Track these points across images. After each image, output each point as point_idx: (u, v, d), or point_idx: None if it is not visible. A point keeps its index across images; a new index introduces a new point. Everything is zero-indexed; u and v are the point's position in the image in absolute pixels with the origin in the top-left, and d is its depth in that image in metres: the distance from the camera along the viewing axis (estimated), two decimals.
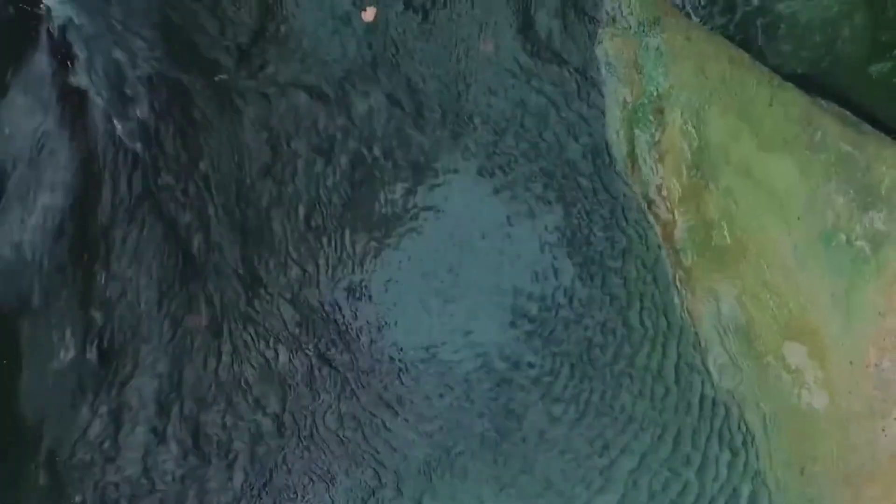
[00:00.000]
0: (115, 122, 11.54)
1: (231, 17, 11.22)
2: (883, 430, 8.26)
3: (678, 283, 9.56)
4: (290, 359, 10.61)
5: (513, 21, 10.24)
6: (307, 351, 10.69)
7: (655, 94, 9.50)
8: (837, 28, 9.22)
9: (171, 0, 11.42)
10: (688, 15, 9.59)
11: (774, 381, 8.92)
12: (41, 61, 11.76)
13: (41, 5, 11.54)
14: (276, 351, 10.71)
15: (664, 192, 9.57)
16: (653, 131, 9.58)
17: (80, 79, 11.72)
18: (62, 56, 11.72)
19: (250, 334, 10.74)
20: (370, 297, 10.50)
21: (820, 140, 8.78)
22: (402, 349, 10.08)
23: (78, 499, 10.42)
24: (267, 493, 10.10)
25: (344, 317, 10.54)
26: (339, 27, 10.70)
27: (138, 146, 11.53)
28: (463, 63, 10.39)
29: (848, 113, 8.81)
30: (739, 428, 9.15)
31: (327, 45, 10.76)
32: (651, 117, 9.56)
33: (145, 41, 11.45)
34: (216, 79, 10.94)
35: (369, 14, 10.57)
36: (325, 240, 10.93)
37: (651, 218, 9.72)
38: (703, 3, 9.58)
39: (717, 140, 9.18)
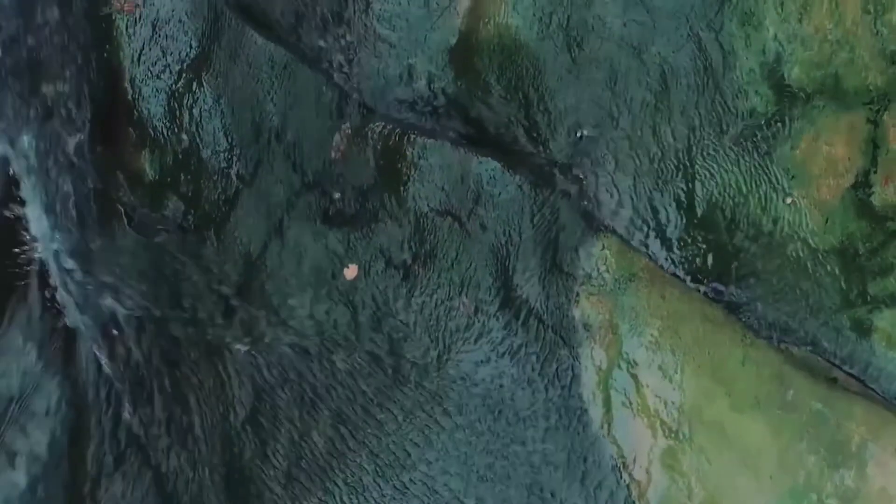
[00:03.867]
0: (104, 365, 14.02)
1: (217, 271, 13.84)
2: None
3: None
4: None
5: (492, 280, 12.55)
6: None
7: (630, 356, 11.83)
8: (811, 274, 11.45)
9: (159, 248, 14.11)
10: (662, 267, 11.92)
11: None
12: (31, 301, 14.31)
13: (30, 240, 14.13)
14: None
15: (639, 453, 11.76)
16: (627, 393, 11.85)
17: (69, 320, 14.22)
18: (51, 295, 14.25)
19: None
20: None
21: (791, 399, 11.04)
22: None
23: None
24: None
25: None
26: (322, 284, 13.23)
27: (126, 391, 13.93)
28: (443, 324, 12.73)
29: (819, 359, 11.21)
30: None
31: (310, 301, 13.30)
32: (626, 379, 11.89)
33: (133, 287, 14.04)
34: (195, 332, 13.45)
35: (351, 272, 13.00)
36: (307, 494, 13.15)
37: (626, 477, 11.81)
38: (677, 253, 11.96)
39: (691, 401, 11.46)
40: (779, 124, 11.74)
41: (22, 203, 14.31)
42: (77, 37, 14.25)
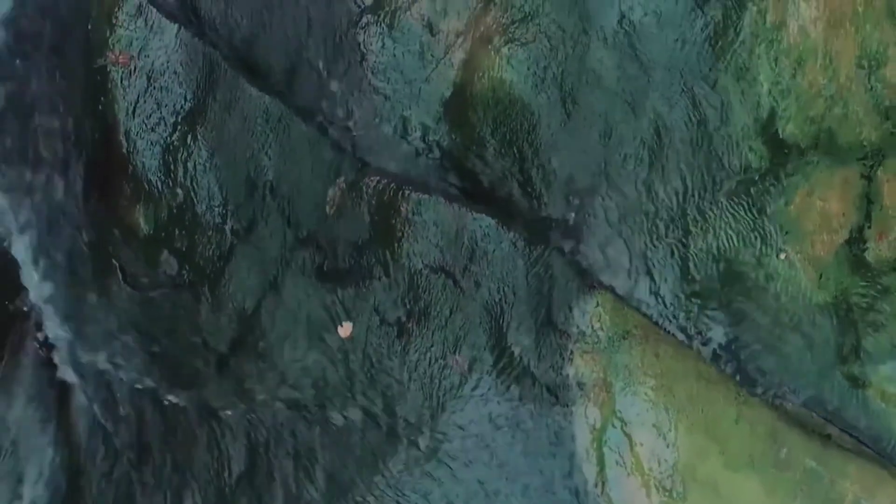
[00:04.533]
0: (98, 417, 14.33)
1: (211, 327, 14.05)
2: None
3: None
4: None
5: (486, 338, 12.72)
6: None
7: (623, 414, 12.02)
8: (805, 329, 11.68)
9: (153, 304, 14.34)
10: (656, 323, 12.13)
11: None
12: (26, 353, 14.70)
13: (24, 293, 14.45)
14: None
15: None
16: (621, 452, 12.02)
17: (63, 372, 14.61)
18: (45, 347, 14.66)
19: None
20: None
21: (785, 457, 11.28)
22: None
23: None
24: None
25: None
26: (316, 342, 13.44)
27: (120, 443, 14.27)
28: (437, 381, 12.92)
29: (813, 415, 11.37)
30: None
31: (305, 359, 13.52)
32: (620, 437, 12.04)
33: (126, 344, 14.37)
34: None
35: (346, 329, 13.19)
36: None
37: None
38: (671, 309, 12.21)
39: (685, 459, 11.67)
40: (773, 180, 11.91)
41: (17, 256, 14.66)
42: (72, 89, 14.48)
